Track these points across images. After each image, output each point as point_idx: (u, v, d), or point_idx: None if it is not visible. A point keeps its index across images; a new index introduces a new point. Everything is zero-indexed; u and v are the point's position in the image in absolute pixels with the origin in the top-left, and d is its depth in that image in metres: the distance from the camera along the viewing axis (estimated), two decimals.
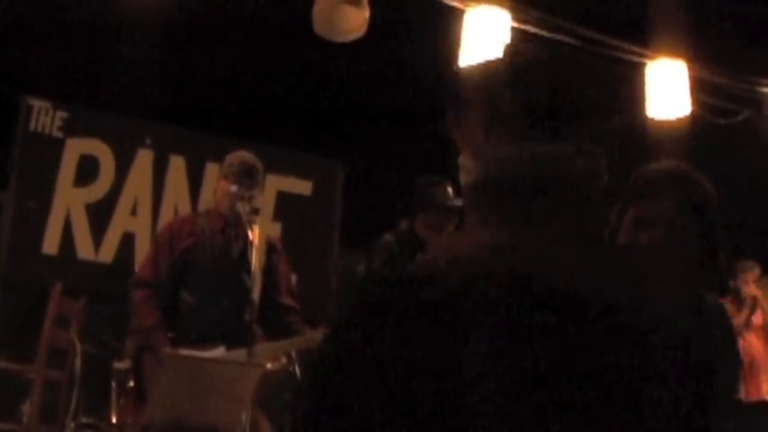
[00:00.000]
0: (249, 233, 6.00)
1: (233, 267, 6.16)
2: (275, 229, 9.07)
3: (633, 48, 7.53)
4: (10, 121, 8.27)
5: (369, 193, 9.04)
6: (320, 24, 6.77)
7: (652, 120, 7.52)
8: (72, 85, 8.36)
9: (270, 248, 6.42)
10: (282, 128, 9.03)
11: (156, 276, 6.19)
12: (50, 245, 8.30)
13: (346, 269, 9.07)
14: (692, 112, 7.50)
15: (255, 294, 5.99)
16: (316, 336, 6.07)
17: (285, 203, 9.12)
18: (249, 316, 5.89)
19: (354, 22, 6.75)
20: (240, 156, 6.58)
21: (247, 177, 6.20)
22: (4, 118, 8.27)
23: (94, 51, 8.18)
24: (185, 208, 8.57)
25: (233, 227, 6.23)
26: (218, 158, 8.74)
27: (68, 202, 8.39)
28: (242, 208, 6.10)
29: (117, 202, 8.56)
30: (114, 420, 6.09)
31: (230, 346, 6.03)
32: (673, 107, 7.50)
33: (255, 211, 6.18)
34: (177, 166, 8.75)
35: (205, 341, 6.08)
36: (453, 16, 7.14)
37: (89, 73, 8.29)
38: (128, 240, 8.47)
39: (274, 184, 9.09)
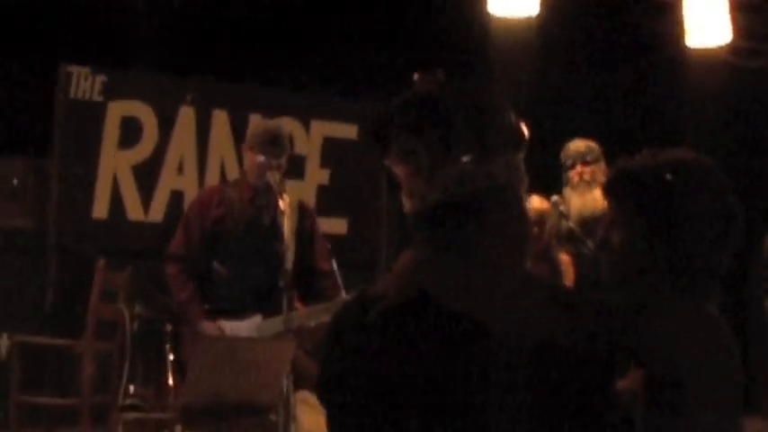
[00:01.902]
0: (280, 202, 5.97)
1: (264, 236, 6.16)
2: (323, 176, 9.05)
3: None
4: (50, 89, 8.28)
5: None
6: None
7: (692, 50, 7.30)
8: (108, 48, 8.34)
9: (302, 213, 6.40)
10: (325, 72, 8.94)
11: (189, 249, 6.23)
12: (100, 209, 8.36)
13: (397, 210, 9.02)
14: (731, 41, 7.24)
15: (288, 262, 5.99)
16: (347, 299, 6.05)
17: (332, 149, 9.07)
18: (283, 283, 5.89)
19: None
20: (264, 124, 6.56)
21: (274, 146, 6.16)
22: (44, 86, 8.29)
23: (125, 12, 8.15)
24: (231, 162, 8.55)
25: (263, 196, 6.21)
26: (261, 109, 8.80)
27: (114, 165, 8.42)
28: (271, 177, 6.08)
29: (163, 161, 8.57)
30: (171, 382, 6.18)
31: (266, 314, 6.07)
32: (712, 35, 7.26)
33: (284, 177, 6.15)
34: (220, 121, 8.73)
35: (241, 311, 6.13)
36: None
37: (123, 35, 8.25)
38: (176, 198, 8.49)
39: (320, 130, 9.04)
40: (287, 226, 5.96)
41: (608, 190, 2.73)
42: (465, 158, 2.31)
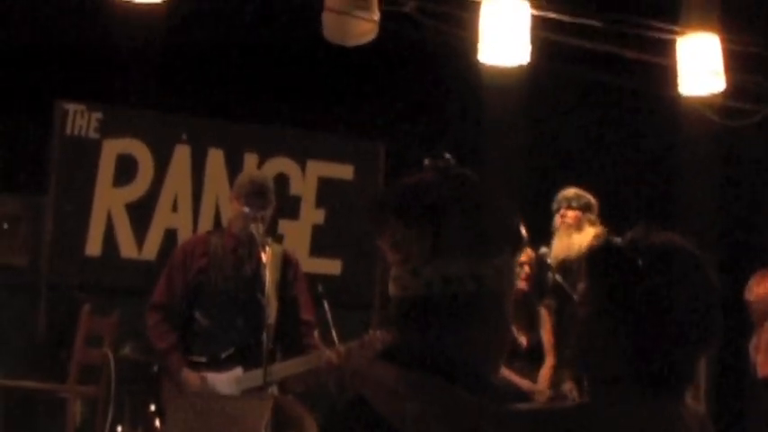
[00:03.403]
0: (262, 254, 5.98)
1: (246, 287, 6.16)
2: (318, 216, 9.05)
3: (661, 25, 7.26)
4: (46, 125, 8.31)
5: (411, 169, 8.92)
6: (330, 30, 6.66)
7: (681, 96, 7.27)
8: (104, 85, 8.37)
9: (286, 263, 6.39)
10: (320, 112, 8.95)
11: (171, 298, 6.22)
12: (93, 246, 8.38)
13: None
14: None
15: (270, 316, 6.00)
16: (325, 354, 6.03)
17: (327, 189, 9.07)
18: (264, 336, 5.89)
19: (364, 26, 6.62)
20: (250, 175, 6.58)
21: (259, 198, 6.17)
22: (39, 123, 8.32)
23: (121, 50, 8.17)
24: (226, 200, 8.50)
25: (246, 247, 6.22)
26: (256, 148, 8.82)
27: (109, 202, 8.44)
28: (255, 229, 6.08)
29: (157, 199, 8.59)
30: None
31: (247, 366, 6.06)
32: (706, 83, 7.23)
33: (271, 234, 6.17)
34: (215, 159, 8.74)
35: (221, 363, 6.12)
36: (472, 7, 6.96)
37: (119, 72, 8.28)
38: (170, 237, 8.51)
39: (315, 170, 9.04)
40: (269, 278, 5.97)
41: (587, 260, 2.62)
42: (454, 257, 2.28)
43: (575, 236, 6.77)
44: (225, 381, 6.09)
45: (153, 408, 6.17)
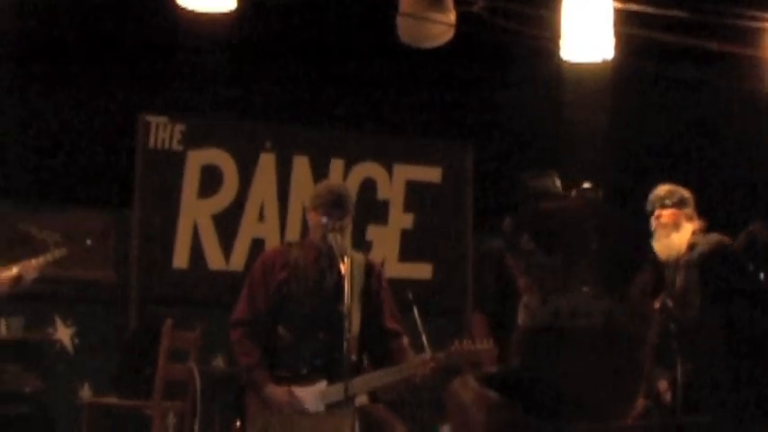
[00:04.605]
0: (341, 265, 5.83)
1: (328, 299, 6.02)
2: (407, 221, 8.91)
3: (752, 13, 6.98)
4: (129, 139, 8.29)
5: (500, 170, 8.72)
6: (404, 32, 6.50)
7: None
8: (186, 97, 8.33)
9: (369, 272, 6.25)
10: (405, 115, 8.82)
11: (253, 313, 6.11)
12: (180, 259, 8.35)
13: (483, 252, 8.82)
14: None
15: (354, 326, 5.87)
16: (417, 362, 5.88)
17: (415, 193, 8.94)
18: (346, 348, 5.75)
19: (439, 28, 6.45)
20: (328, 186, 6.44)
21: (337, 208, 6.03)
22: (123, 137, 8.30)
23: (202, 61, 8.12)
24: None
25: (326, 258, 6.08)
26: (342, 153, 8.71)
27: (194, 214, 8.40)
28: (333, 240, 5.94)
29: (243, 209, 8.54)
30: None
31: (331, 380, 5.92)
32: None
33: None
34: (301, 166, 8.66)
35: (305, 377, 5.99)
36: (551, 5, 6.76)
37: (200, 82, 8.23)
38: (257, 246, 8.44)
39: (403, 174, 8.92)
40: (350, 289, 5.81)
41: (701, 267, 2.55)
42: (586, 290, 2.17)
43: (673, 235, 6.51)
44: (310, 395, 5.96)
45: (239, 424, 6.08)
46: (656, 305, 6.24)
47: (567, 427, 2.25)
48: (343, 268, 5.80)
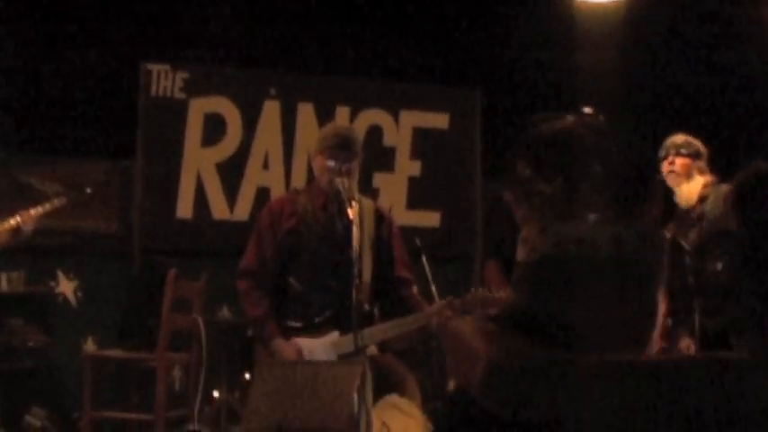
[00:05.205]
0: (348, 210, 5.63)
1: (339, 246, 5.84)
2: (414, 168, 8.75)
3: None
4: (131, 88, 8.11)
5: (509, 114, 8.53)
6: None
7: None
8: (188, 44, 8.16)
9: (379, 219, 6.09)
10: (411, 61, 8.64)
11: (261, 263, 5.95)
12: (184, 209, 8.19)
13: (491, 198, 8.66)
14: None
15: (365, 273, 5.72)
16: (434, 310, 5.72)
17: (423, 140, 8.77)
18: (356, 297, 5.58)
19: None
20: (334, 128, 6.27)
21: (343, 150, 5.85)
22: (125, 85, 8.13)
23: (204, 6, 7.96)
24: None
25: (335, 203, 5.90)
26: (348, 100, 8.53)
27: (198, 163, 8.24)
28: (341, 184, 5.74)
29: (247, 157, 8.37)
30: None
31: (344, 330, 5.77)
32: None
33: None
34: (306, 114, 8.47)
35: (317, 327, 5.85)
36: None
37: (203, 29, 8.06)
38: (262, 195, 8.28)
39: (410, 120, 8.74)
40: (357, 235, 5.60)
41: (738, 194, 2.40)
42: (591, 217, 1.99)
43: (684, 185, 6.37)
44: (320, 346, 5.81)
45: (247, 376, 5.95)
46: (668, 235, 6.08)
47: (577, 357, 2.06)
48: (352, 213, 5.61)
